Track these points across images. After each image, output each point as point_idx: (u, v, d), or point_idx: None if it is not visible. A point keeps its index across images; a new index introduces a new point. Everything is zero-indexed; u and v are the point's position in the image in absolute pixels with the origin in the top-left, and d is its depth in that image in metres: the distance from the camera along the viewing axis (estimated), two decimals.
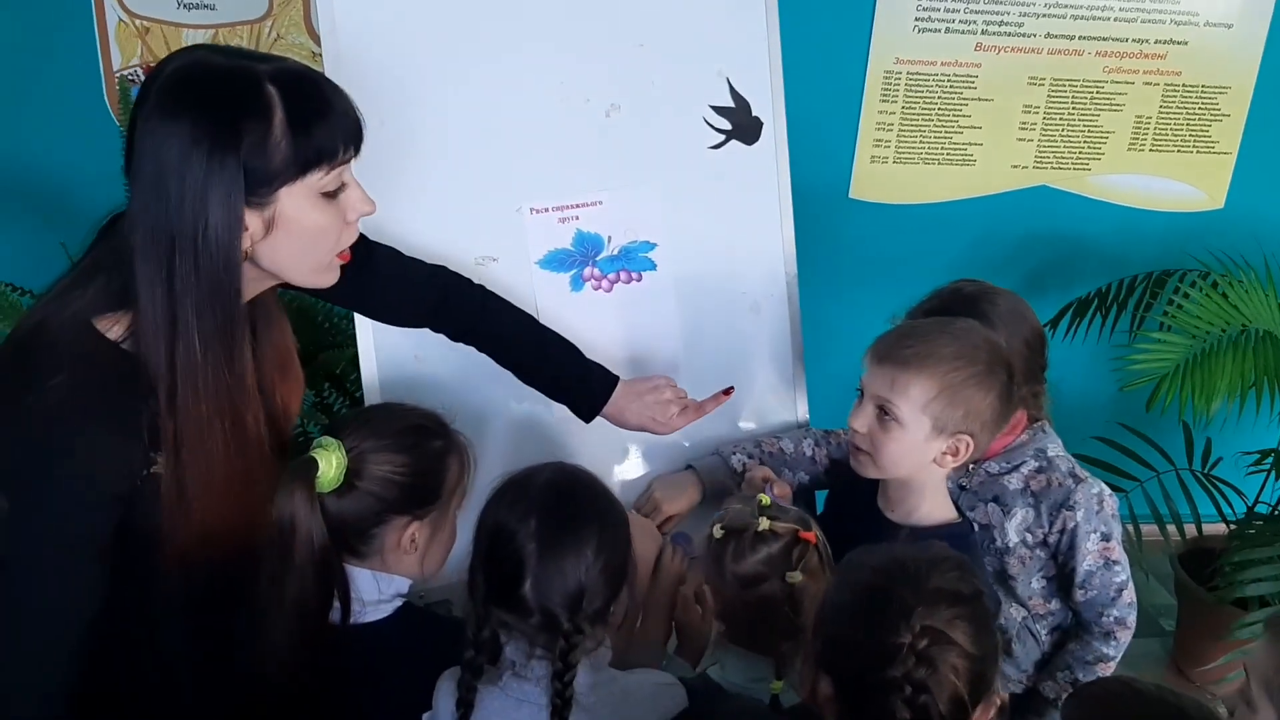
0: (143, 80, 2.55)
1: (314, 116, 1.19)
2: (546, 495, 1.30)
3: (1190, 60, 2.90)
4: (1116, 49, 2.87)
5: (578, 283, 1.88)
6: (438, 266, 1.66)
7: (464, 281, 1.67)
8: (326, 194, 1.23)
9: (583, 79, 1.84)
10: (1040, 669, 1.82)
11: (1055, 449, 1.76)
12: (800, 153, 2.00)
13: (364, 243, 1.46)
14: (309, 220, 1.22)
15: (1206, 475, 2.87)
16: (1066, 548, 1.71)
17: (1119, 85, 2.92)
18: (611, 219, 1.88)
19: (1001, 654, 1.24)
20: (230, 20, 2.59)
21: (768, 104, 1.93)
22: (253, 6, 2.60)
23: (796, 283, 1.99)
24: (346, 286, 1.38)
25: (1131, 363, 2.47)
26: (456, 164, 1.79)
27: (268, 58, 1.20)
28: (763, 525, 1.42)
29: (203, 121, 1.13)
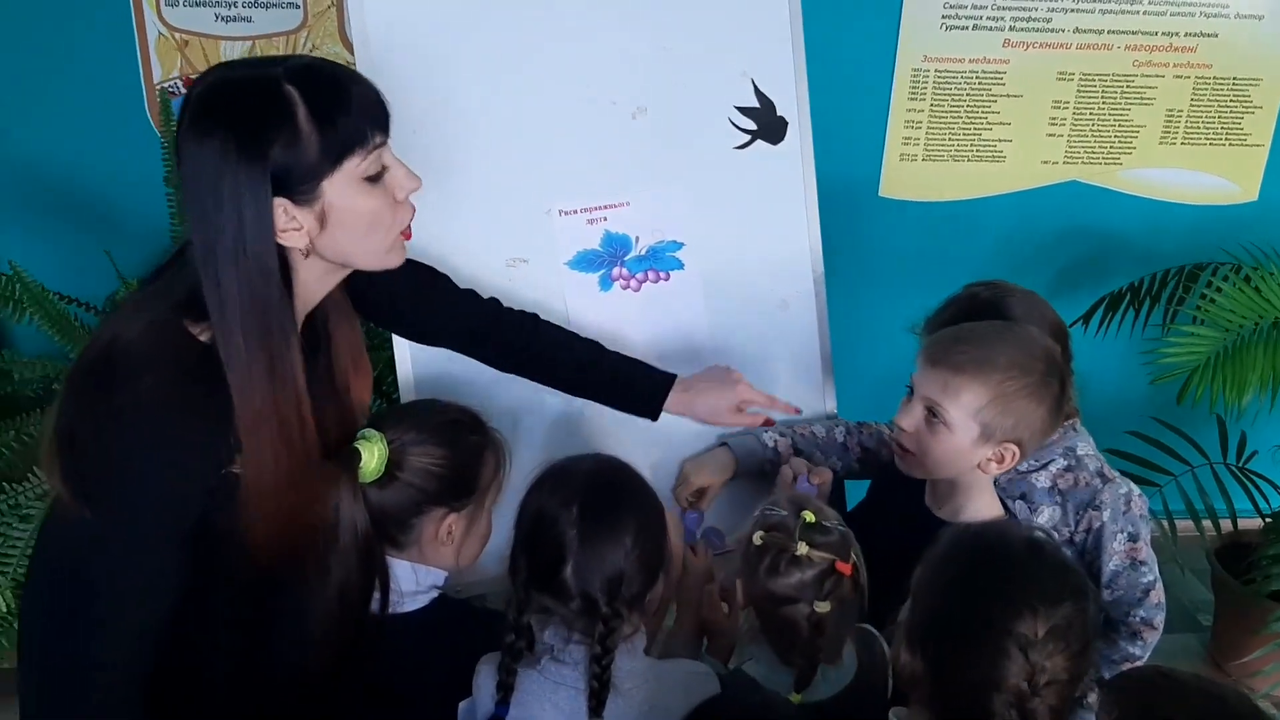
0: (183, 92, 2.62)
1: (336, 106, 1.21)
2: (589, 483, 1.35)
3: (1221, 53, 2.89)
4: (1146, 42, 2.86)
5: (606, 283, 1.91)
6: (490, 299, 1.72)
7: (513, 312, 1.73)
8: (369, 178, 1.25)
9: (610, 82, 1.87)
10: None
11: (1085, 447, 1.75)
12: (829, 151, 2.02)
13: (415, 266, 1.51)
14: (359, 206, 1.25)
15: (1241, 469, 2.85)
16: (1093, 547, 1.70)
17: (1149, 79, 2.90)
18: (639, 220, 1.91)
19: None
20: (266, 32, 2.64)
21: (792, 104, 1.95)
22: (288, 18, 2.65)
23: (824, 280, 2.00)
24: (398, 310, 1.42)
25: (1162, 356, 2.47)
26: (487, 168, 1.82)
27: (284, 58, 1.23)
28: (801, 550, 1.41)
29: (230, 136, 1.16)
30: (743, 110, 1.93)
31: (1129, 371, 2.86)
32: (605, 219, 1.90)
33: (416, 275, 1.60)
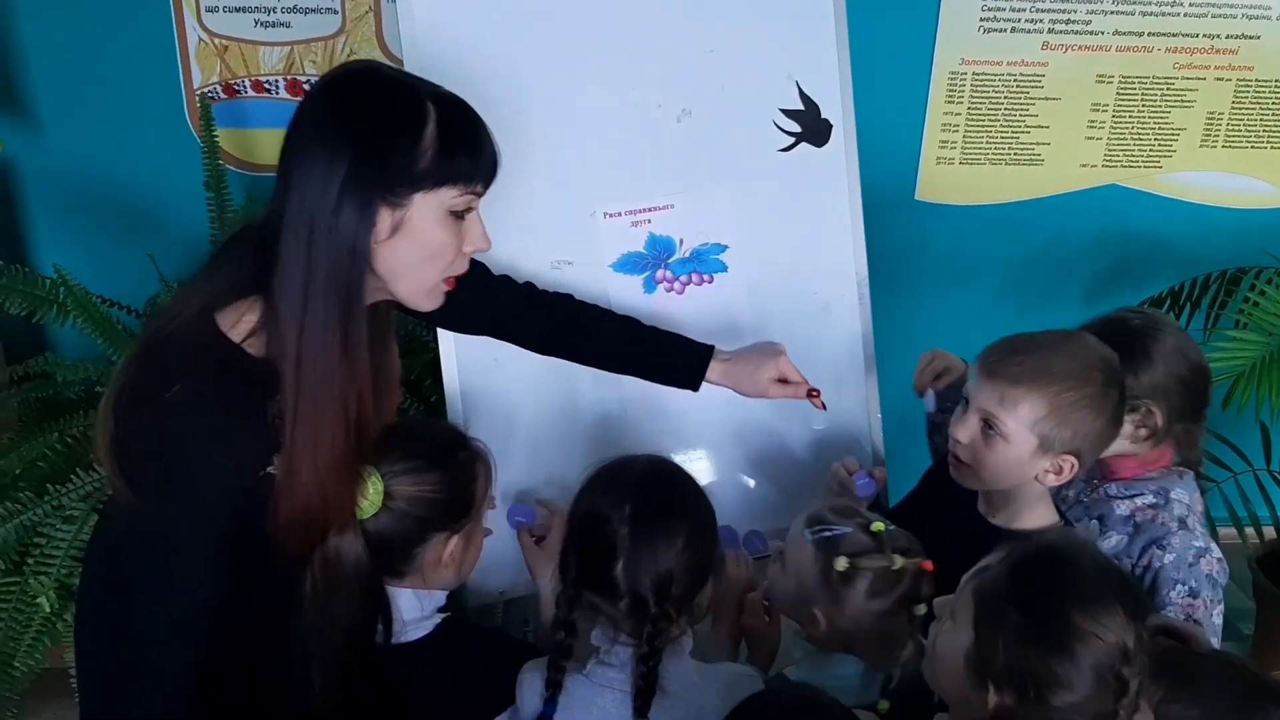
0: (223, 98, 2.64)
1: (462, 139, 1.26)
2: (642, 482, 1.35)
3: (1263, 55, 2.86)
4: (1186, 45, 2.83)
5: (650, 285, 1.91)
6: (525, 283, 1.72)
7: (548, 293, 1.72)
8: (454, 214, 1.29)
9: (654, 85, 1.87)
10: None
11: (1180, 494, 1.68)
12: (866, 155, 2.01)
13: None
14: (433, 232, 1.28)
15: None
16: (1147, 586, 1.62)
17: (1189, 82, 2.88)
18: (683, 222, 1.91)
19: None
20: (305, 37, 2.65)
21: (837, 106, 1.95)
22: (327, 24, 2.66)
23: (867, 283, 2.00)
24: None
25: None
26: (532, 170, 1.82)
27: (434, 85, 1.28)
28: (898, 564, 1.41)
29: (364, 118, 1.21)
30: (787, 113, 1.93)
31: None
32: (650, 221, 1.90)
33: None
